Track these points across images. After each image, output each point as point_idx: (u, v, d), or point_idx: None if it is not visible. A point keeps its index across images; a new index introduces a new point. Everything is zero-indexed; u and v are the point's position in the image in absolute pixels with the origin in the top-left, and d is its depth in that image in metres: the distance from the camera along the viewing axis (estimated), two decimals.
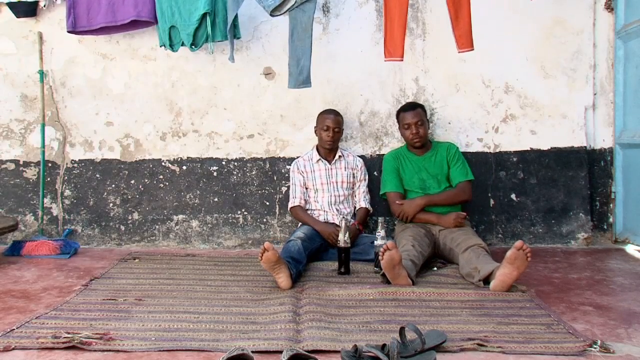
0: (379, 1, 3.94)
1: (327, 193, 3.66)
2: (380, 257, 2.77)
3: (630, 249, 3.78)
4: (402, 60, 3.66)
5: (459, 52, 3.64)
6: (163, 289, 2.86)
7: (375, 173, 3.93)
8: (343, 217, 3.27)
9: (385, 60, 3.68)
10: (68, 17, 3.78)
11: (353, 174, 3.73)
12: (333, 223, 3.58)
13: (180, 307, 2.52)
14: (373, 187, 3.84)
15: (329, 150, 3.71)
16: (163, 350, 2.02)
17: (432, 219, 3.43)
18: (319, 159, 3.70)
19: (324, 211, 3.63)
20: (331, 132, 3.62)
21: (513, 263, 2.65)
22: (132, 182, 4.09)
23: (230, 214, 4.05)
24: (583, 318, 2.38)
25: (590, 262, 3.45)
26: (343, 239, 3.11)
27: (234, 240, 4.05)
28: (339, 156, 3.72)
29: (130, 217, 4.08)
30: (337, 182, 3.68)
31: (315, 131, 3.76)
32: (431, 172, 3.55)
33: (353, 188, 3.74)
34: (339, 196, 3.67)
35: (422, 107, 3.64)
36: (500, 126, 4.00)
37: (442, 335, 2.07)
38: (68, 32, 3.81)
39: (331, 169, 3.69)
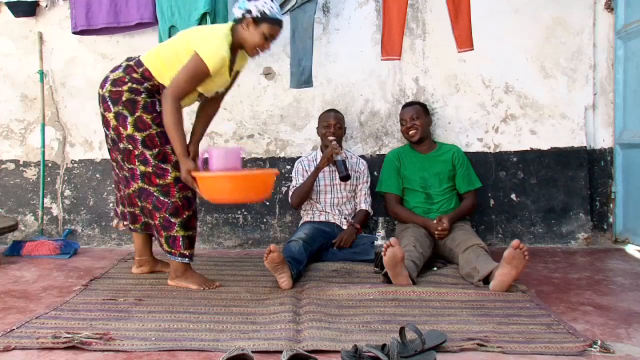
0: (378, 1, 3.94)
1: (330, 194, 3.65)
2: (382, 254, 2.78)
3: (630, 249, 3.79)
4: (399, 59, 3.66)
5: (459, 52, 3.64)
6: (163, 289, 2.86)
7: (375, 173, 3.92)
8: (339, 211, 3.36)
9: (382, 59, 3.68)
10: (71, 19, 3.82)
11: (356, 177, 3.72)
12: (334, 223, 3.58)
13: (180, 307, 2.52)
14: (373, 188, 3.84)
15: None
16: (163, 350, 2.02)
17: (418, 220, 3.43)
18: None
19: (326, 212, 3.62)
20: (332, 128, 3.60)
21: (511, 263, 2.65)
22: None
23: (230, 214, 4.05)
24: (583, 318, 2.38)
25: (590, 262, 3.45)
26: (335, 150, 3.41)
27: (234, 240, 4.05)
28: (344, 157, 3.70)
29: None
30: (340, 184, 3.66)
31: (317, 132, 3.75)
32: (433, 171, 3.55)
33: (355, 190, 3.73)
34: (341, 198, 3.66)
35: (421, 104, 3.66)
36: (500, 126, 4.00)
37: (442, 335, 2.07)
38: (73, 33, 3.83)
39: (335, 170, 3.67)
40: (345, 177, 3.41)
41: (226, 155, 2.69)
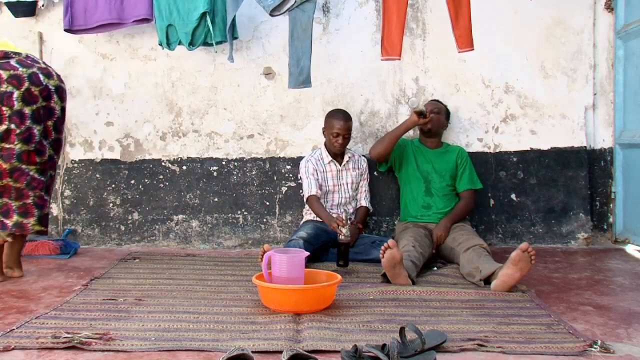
0: (378, 1, 3.94)
1: (337, 194, 3.65)
2: (381, 256, 2.78)
3: (630, 249, 3.79)
4: (399, 59, 3.65)
5: (459, 52, 3.64)
6: (163, 289, 2.86)
7: (375, 173, 3.93)
8: (344, 211, 3.29)
9: (382, 59, 3.67)
10: (65, 16, 3.76)
11: (360, 174, 3.73)
12: None
13: (180, 307, 2.52)
14: (373, 187, 3.84)
15: (337, 153, 3.69)
16: (163, 350, 2.02)
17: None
18: (330, 160, 3.65)
19: (330, 212, 3.61)
20: (341, 139, 3.55)
21: (517, 264, 2.65)
22: (132, 182, 4.09)
23: (230, 214, 4.05)
24: (583, 318, 2.38)
25: (590, 262, 3.45)
26: (343, 232, 3.09)
27: (234, 240, 4.05)
28: (348, 157, 3.69)
29: (130, 217, 4.08)
30: (347, 184, 3.66)
31: (323, 132, 3.71)
32: (437, 168, 3.58)
33: (358, 188, 3.74)
34: (347, 197, 3.66)
35: (445, 107, 3.75)
36: (500, 126, 4.00)
37: (442, 335, 2.07)
38: (65, 30, 3.80)
39: (342, 170, 3.66)
40: (343, 265, 3.15)
41: (289, 262, 2.56)
